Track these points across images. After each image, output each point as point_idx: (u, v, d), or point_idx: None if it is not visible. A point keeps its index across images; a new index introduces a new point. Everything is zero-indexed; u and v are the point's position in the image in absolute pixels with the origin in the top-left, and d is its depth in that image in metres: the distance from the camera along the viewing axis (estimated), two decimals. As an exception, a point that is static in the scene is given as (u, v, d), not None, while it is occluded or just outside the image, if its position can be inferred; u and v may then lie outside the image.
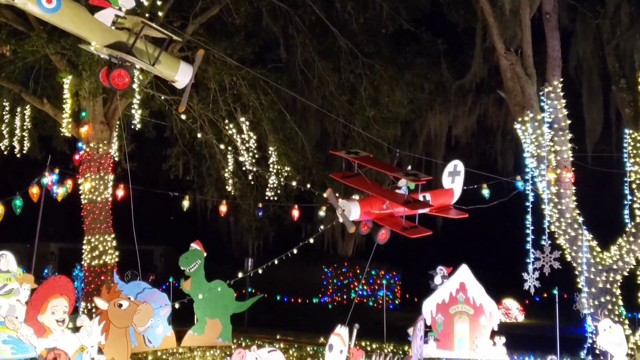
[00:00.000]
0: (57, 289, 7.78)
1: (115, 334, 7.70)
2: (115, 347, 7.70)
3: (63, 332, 7.63)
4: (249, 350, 10.75)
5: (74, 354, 7.49)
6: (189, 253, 17.34)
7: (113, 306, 7.72)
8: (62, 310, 7.71)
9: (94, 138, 19.34)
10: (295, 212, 17.44)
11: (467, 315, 16.90)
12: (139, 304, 7.95)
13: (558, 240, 15.52)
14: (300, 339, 19.90)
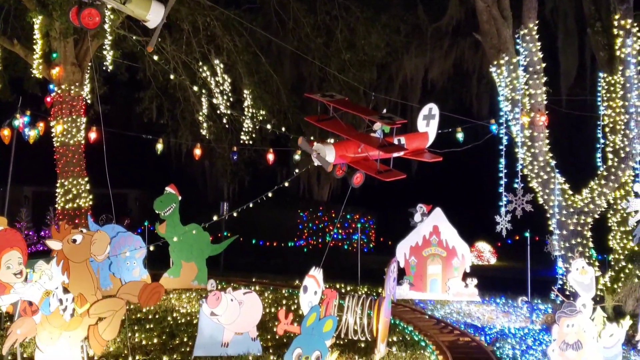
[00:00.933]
0: (6, 243, 7.66)
1: (76, 270, 7.63)
2: (80, 282, 7.66)
3: (23, 284, 7.54)
4: (224, 292, 10.85)
5: (41, 301, 7.44)
6: (163, 197, 17.28)
7: (67, 243, 7.62)
8: (16, 262, 7.62)
9: (66, 80, 18.95)
10: (271, 156, 17.40)
11: (439, 257, 17.19)
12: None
13: (530, 183, 15.69)
14: (276, 281, 20.11)
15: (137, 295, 7.93)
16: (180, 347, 11.44)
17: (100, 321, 7.73)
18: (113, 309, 7.80)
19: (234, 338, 10.83)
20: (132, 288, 8.01)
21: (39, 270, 7.59)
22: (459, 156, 16.24)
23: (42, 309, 7.40)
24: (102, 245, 7.81)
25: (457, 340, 12.24)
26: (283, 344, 11.48)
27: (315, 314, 7.42)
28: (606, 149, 15.48)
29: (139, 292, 7.94)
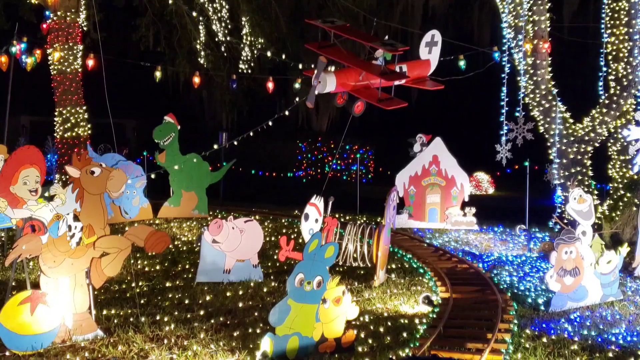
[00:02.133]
0: (27, 159, 7.64)
1: (89, 201, 7.64)
2: (91, 214, 7.68)
3: (37, 202, 7.58)
4: (226, 221, 10.93)
5: (50, 223, 7.48)
6: (162, 126, 17.20)
7: (85, 173, 7.61)
8: (34, 180, 7.61)
9: (62, 6, 18.54)
10: (270, 85, 17.20)
11: (438, 187, 17.24)
12: (110, 170, 7.85)
13: (532, 112, 15.59)
14: (275, 211, 20.25)
15: (144, 240, 7.96)
16: (182, 273, 11.61)
17: (104, 256, 7.80)
18: (118, 247, 7.85)
19: (235, 265, 10.98)
20: (140, 232, 8.04)
21: (54, 192, 7.60)
22: (460, 85, 16.10)
23: (50, 231, 7.45)
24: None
25: (455, 267, 12.40)
26: (284, 271, 11.66)
27: (317, 241, 7.46)
28: (608, 77, 15.29)
29: (146, 237, 7.97)
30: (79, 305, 7.75)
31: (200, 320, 8.66)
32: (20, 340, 7.16)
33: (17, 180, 7.54)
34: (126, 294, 9.92)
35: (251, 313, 9.13)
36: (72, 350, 7.34)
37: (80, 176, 7.65)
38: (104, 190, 7.81)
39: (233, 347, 7.60)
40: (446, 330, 8.49)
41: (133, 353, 7.29)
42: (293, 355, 7.23)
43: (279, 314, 7.17)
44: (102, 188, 7.78)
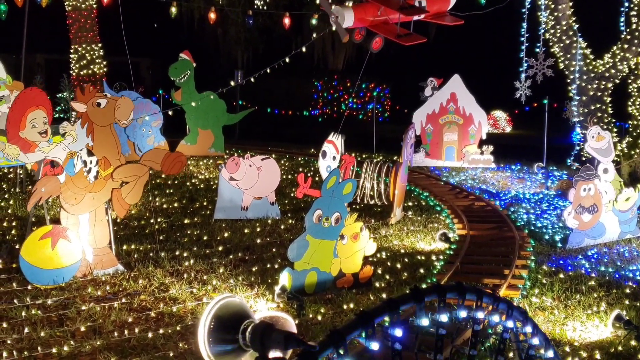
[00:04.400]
0: (31, 102, 7.56)
1: (100, 133, 7.61)
2: (104, 146, 7.66)
3: (49, 143, 7.55)
4: (242, 158, 10.91)
5: (65, 161, 7.48)
6: (178, 63, 17.05)
7: (91, 106, 7.55)
8: (42, 122, 7.54)
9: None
10: (286, 21, 16.87)
11: (456, 125, 17.10)
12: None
13: (552, 48, 15.27)
14: (291, 150, 20.23)
15: (160, 162, 7.93)
16: (200, 210, 11.68)
17: (123, 185, 7.82)
18: (136, 175, 7.85)
19: (253, 202, 11.02)
20: (155, 155, 8.00)
21: (64, 130, 7.57)
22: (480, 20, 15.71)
23: (66, 170, 7.46)
24: (126, 110, 7.72)
25: (472, 205, 12.39)
26: (300, 208, 11.71)
27: (335, 177, 7.43)
28: (630, 12, 14.87)
29: (162, 160, 7.93)
30: (99, 240, 7.83)
31: (219, 256, 8.74)
32: (42, 274, 7.27)
33: (25, 124, 7.48)
34: (145, 230, 10.02)
35: (269, 249, 9.20)
36: (93, 284, 7.45)
37: (87, 110, 7.58)
38: (113, 120, 7.75)
39: (252, 281, 7.68)
40: (463, 267, 8.53)
41: (154, 287, 7.39)
42: (311, 289, 7.30)
43: (297, 249, 7.20)
44: (110, 118, 7.72)
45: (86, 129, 7.59)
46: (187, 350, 5.71)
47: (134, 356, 5.54)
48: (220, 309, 2.97)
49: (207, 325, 2.96)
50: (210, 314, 2.96)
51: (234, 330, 2.94)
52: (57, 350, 5.58)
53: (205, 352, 2.98)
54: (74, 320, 6.31)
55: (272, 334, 2.81)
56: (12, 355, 5.43)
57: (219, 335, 2.94)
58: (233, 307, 3.01)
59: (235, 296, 3.09)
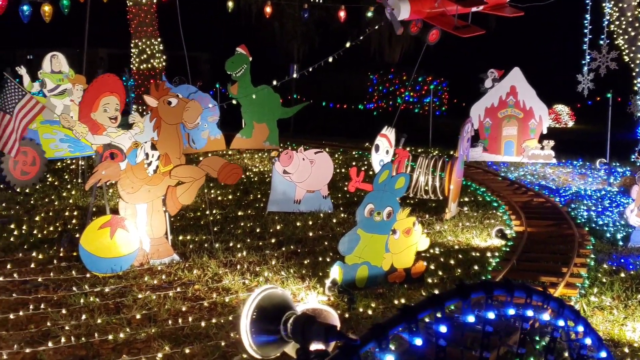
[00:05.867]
0: (107, 87, 7.79)
1: (166, 130, 7.80)
2: (167, 143, 7.84)
3: (117, 130, 7.75)
4: (296, 152, 10.95)
5: (129, 150, 7.67)
6: (234, 57, 17.23)
7: (162, 103, 7.74)
8: (113, 108, 7.76)
9: None
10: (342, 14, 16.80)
11: (516, 119, 16.75)
12: (187, 101, 7.95)
13: (616, 40, 14.78)
14: (345, 143, 20.20)
15: (217, 171, 8.08)
16: (253, 203, 11.78)
17: (179, 185, 7.97)
18: (193, 177, 8.00)
19: (305, 196, 11.05)
20: (214, 163, 8.16)
21: (132, 120, 7.77)
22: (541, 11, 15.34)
23: (129, 158, 7.65)
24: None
25: (530, 201, 12.12)
26: (353, 202, 11.66)
27: (387, 171, 7.37)
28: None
29: (219, 169, 8.09)
30: (156, 230, 7.99)
31: (271, 248, 8.80)
32: (100, 262, 7.46)
33: (97, 107, 7.70)
34: (200, 222, 10.17)
35: (321, 242, 9.22)
36: (149, 273, 7.60)
37: (158, 106, 7.78)
38: (181, 120, 7.93)
39: (303, 274, 7.70)
40: (520, 264, 8.35)
41: (207, 277, 7.50)
42: (362, 283, 7.28)
43: (348, 243, 7.18)
44: (178, 118, 7.91)
45: (154, 123, 7.78)
46: (239, 340, 5.76)
47: (186, 344, 5.63)
48: (262, 299, 2.99)
49: (250, 315, 2.97)
50: (253, 304, 2.98)
51: (276, 321, 2.95)
52: (113, 337, 5.72)
53: (248, 341, 3.00)
54: (130, 308, 6.46)
55: (313, 326, 2.80)
56: (69, 341, 5.59)
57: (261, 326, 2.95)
58: (275, 298, 3.02)
59: (278, 287, 3.10)
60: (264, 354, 3.04)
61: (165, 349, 5.52)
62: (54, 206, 10.93)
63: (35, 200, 11.30)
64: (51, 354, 5.38)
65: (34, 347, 5.45)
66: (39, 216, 10.15)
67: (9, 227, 9.36)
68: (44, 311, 6.26)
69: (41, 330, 5.83)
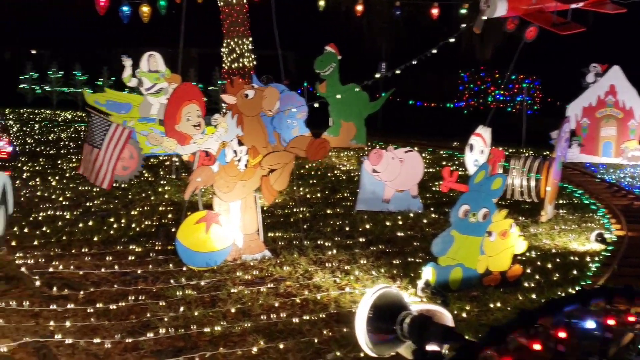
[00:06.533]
0: (185, 96, 7.93)
1: (249, 123, 7.90)
2: (252, 135, 7.95)
3: (202, 135, 7.89)
4: (386, 151, 10.87)
5: (218, 152, 7.80)
6: (323, 56, 17.30)
7: (240, 97, 7.83)
8: (195, 115, 7.89)
9: None
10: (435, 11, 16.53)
11: (615, 119, 16.05)
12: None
13: None
14: (434, 142, 19.93)
15: (305, 149, 8.10)
16: (341, 201, 11.77)
17: (271, 173, 8.04)
18: (283, 162, 8.05)
19: (394, 195, 10.95)
20: (300, 142, 8.19)
21: (215, 122, 7.92)
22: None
23: (219, 159, 7.79)
24: (273, 100, 7.97)
25: (631, 205, 11.58)
26: (443, 203, 11.48)
27: (483, 172, 7.19)
28: None
29: (307, 146, 8.11)
30: (248, 226, 8.10)
31: (360, 247, 8.76)
32: (196, 256, 7.63)
33: (180, 118, 7.85)
34: (290, 219, 10.24)
35: (411, 243, 9.10)
36: (242, 268, 7.71)
37: (237, 101, 7.87)
38: (260, 110, 8.00)
39: (394, 274, 7.62)
40: (621, 269, 7.98)
41: (298, 274, 7.54)
42: (456, 286, 7.13)
43: (442, 244, 7.05)
44: (258, 109, 7.98)
45: (236, 119, 7.89)
46: (332, 338, 5.76)
47: (280, 340, 5.66)
48: (378, 298, 2.95)
49: (366, 314, 2.94)
50: (369, 303, 2.94)
51: (391, 320, 2.90)
52: (210, 330, 5.82)
53: (364, 340, 2.97)
54: (224, 301, 6.57)
55: (430, 327, 2.74)
56: (168, 332, 5.73)
57: (377, 325, 2.91)
58: (391, 297, 2.98)
59: (392, 287, 3.05)
60: (379, 353, 3.00)
61: (260, 343, 5.58)
62: (150, 201, 11.28)
63: (132, 195, 11.69)
64: (151, 344, 5.53)
65: (135, 337, 5.62)
66: (136, 210, 10.49)
67: (108, 221, 9.72)
68: (143, 302, 6.45)
69: (141, 320, 6.00)
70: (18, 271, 7.19)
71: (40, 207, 10.58)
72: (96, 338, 5.54)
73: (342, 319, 6.24)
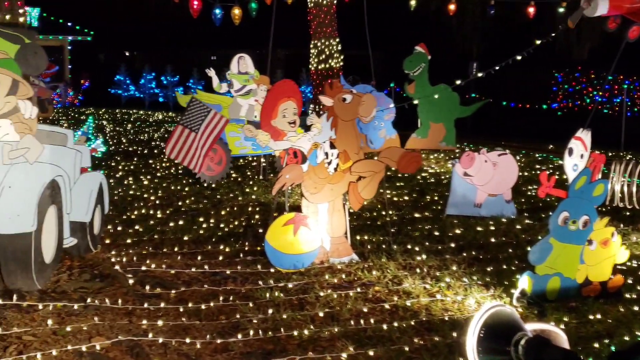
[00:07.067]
0: (284, 93, 7.93)
1: (343, 127, 7.82)
2: (345, 140, 7.87)
3: (296, 133, 7.88)
4: (478, 153, 10.56)
5: (309, 152, 7.77)
6: (413, 56, 17.07)
7: (337, 101, 7.77)
8: (292, 112, 7.89)
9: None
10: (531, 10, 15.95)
11: None
12: (361, 95, 7.91)
13: None
14: (527, 145, 19.33)
15: (397, 160, 7.95)
16: (430, 205, 11.53)
17: (360, 180, 7.93)
18: (373, 170, 7.93)
19: (487, 199, 10.62)
20: (393, 153, 8.04)
21: (310, 122, 7.89)
22: None
23: (309, 160, 7.75)
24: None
25: None
26: (538, 208, 11.07)
27: (585, 177, 6.84)
28: None
29: (399, 158, 7.95)
30: (336, 229, 8.01)
31: (451, 253, 8.53)
32: (284, 258, 7.61)
33: (276, 114, 7.86)
34: (377, 222, 10.11)
35: (504, 249, 8.78)
36: (330, 271, 7.63)
37: (334, 104, 7.81)
38: (356, 115, 7.92)
39: (487, 282, 7.36)
40: None
41: (387, 279, 7.39)
42: (553, 296, 6.80)
43: (539, 252, 6.75)
44: (354, 114, 7.90)
45: (331, 122, 7.83)
46: (423, 346, 5.59)
47: (369, 347, 5.54)
48: (490, 317, 2.78)
49: (477, 333, 2.77)
50: (480, 321, 2.78)
51: (504, 341, 2.72)
52: (298, 334, 5.76)
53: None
54: (313, 305, 6.50)
55: (547, 350, 2.55)
56: (257, 334, 5.71)
57: (488, 345, 2.74)
58: (504, 316, 2.80)
59: (506, 305, 2.87)
60: (491, 376, 2.84)
61: (349, 349, 5.47)
62: (238, 201, 11.39)
63: (221, 195, 11.85)
64: (241, 345, 5.52)
65: (225, 338, 5.63)
66: (225, 210, 10.61)
67: (198, 220, 9.87)
68: (232, 303, 6.46)
69: (231, 321, 6.01)
70: (112, 269, 7.36)
71: (134, 205, 10.86)
72: (187, 338, 5.58)
73: (433, 327, 6.06)
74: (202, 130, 11.66)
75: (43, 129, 7.13)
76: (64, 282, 6.87)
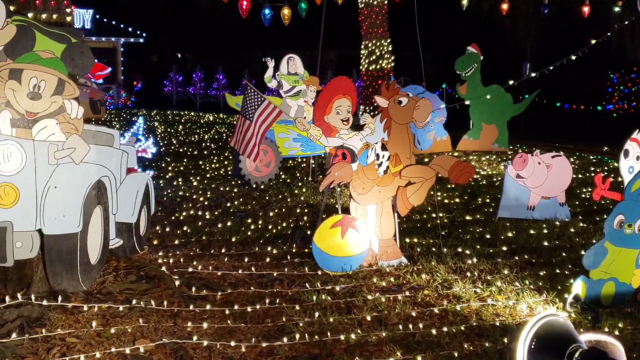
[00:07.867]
0: (340, 90, 7.89)
1: (396, 130, 7.73)
2: (397, 142, 7.78)
3: (348, 131, 7.83)
4: (531, 155, 10.33)
5: (360, 151, 7.71)
6: (465, 56, 16.84)
7: (393, 103, 7.69)
8: (345, 110, 7.86)
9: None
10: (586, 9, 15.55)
11: None
12: (417, 99, 7.80)
13: None
14: (581, 147, 18.85)
15: (448, 170, 7.81)
16: (482, 207, 11.33)
17: (409, 185, 7.81)
18: (423, 177, 7.80)
19: (540, 202, 10.37)
20: (445, 162, 7.90)
21: (363, 121, 7.84)
22: None
23: (360, 160, 7.68)
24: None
25: None
26: (593, 211, 10.77)
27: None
28: None
29: (451, 167, 7.81)
30: (385, 231, 7.92)
31: (503, 256, 8.33)
32: (331, 261, 7.55)
33: (330, 110, 7.83)
34: (427, 225, 9.96)
35: (558, 253, 8.54)
36: (378, 274, 7.54)
37: (389, 106, 7.74)
38: (411, 119, 7.82)
39: (540, 286, 7.15)
40: None
41: (437, 283, 7.26)
42: (608, 301, 6.58)
43: (594, 256, 6.53)
44: (408, 117, 7.80)
45: (384, 124, 7.76)
46: (473, 352, 5.45)
47: (418, 352, 5.43)
48: (542, 327, 2.66)
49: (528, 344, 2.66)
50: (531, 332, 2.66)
51: (556, 353, 2.60)
52: (345, 338, 5.69)
53: (526, 375, 2.68)
54: (360, 308, 6.42)
55: (606, 363, 2.42)
56: (303, 338, 5.65)
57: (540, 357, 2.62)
58: (557, 327, 2.67)
59: (560, 314, 2.75)
60: (542, 389, 2.72)
61: (397, 354, 5.37)
62: (287, 203, 11.38)
63: (269, 197, 11.86)
64: (286, 349, 5.47)
65: (271, 341, 5.58)
66: (273, 212, 10.61)
67: (246, 222, 9.89)
68: (279, 306, 6.42)
69: (277, 325, 5.97)
70: (159, 270, 7.35)
71: (183, 206, 10.96)
72: (232, 341, 5.55)
73: (484, 332, 5.91)
74: (256, 119, 11.71)
75: (89, 129, 7.09)
76: (109, 284, 6.87)
